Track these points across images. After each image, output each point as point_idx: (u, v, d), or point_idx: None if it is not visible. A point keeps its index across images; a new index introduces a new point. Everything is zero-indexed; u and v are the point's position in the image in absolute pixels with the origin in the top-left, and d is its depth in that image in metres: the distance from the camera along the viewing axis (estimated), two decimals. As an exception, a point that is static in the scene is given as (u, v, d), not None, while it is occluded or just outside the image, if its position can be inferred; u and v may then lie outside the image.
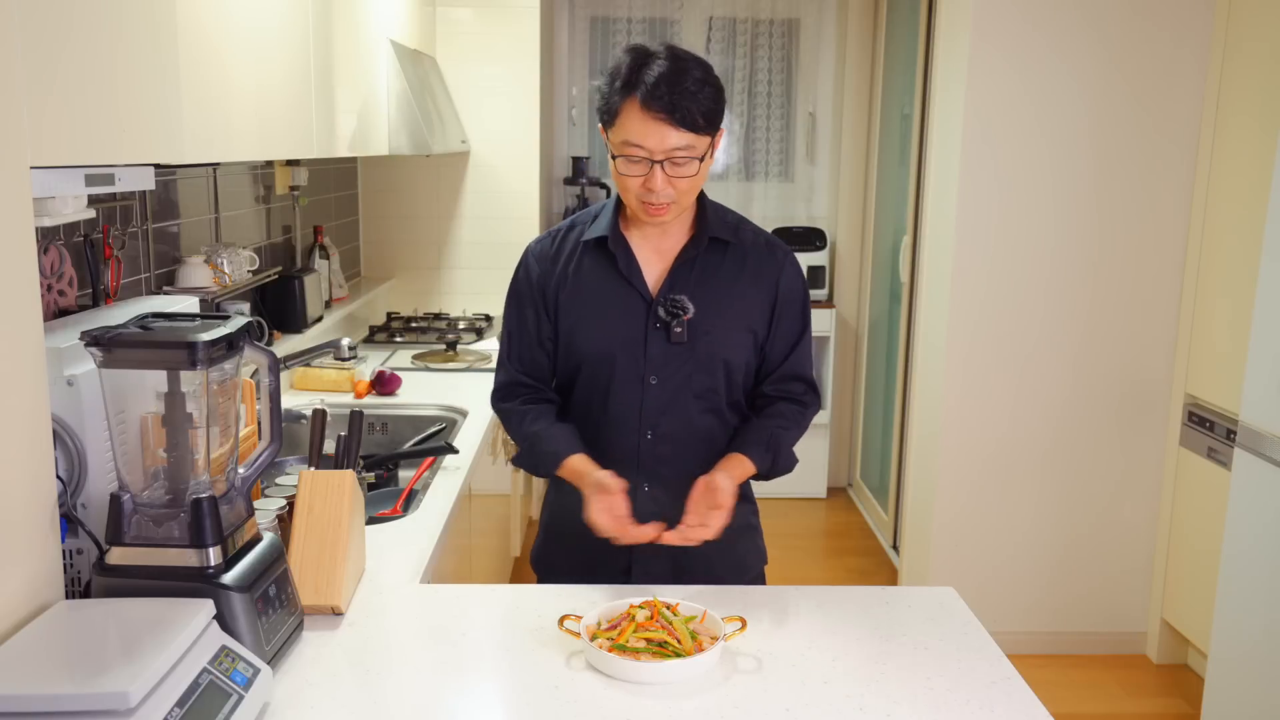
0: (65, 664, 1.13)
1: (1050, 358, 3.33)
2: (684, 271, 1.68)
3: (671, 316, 1.65)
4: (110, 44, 1.39)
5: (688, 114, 1.52)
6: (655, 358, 1.67)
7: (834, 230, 4.87)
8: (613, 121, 1.57)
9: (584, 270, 1.70)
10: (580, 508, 1.73)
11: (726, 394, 1.72)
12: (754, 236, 1.75)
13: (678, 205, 1.60)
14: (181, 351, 1.28)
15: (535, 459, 1.70)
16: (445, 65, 4.04)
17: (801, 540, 4.41)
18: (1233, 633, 2.53)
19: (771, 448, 1.69)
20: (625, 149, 1.55)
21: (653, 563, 1.72)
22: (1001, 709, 1.30)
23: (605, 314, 1.68)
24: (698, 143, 1.55)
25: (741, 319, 1.70)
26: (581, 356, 1.69)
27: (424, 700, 1.30)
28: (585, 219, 1.74)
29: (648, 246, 1.70)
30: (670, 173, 1.55)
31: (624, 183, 1.59)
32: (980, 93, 3.18)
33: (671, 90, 1.51)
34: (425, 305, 4.23)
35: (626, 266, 1.68)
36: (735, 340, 1.70)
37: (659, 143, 1.53)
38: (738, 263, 1.71)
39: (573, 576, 1.71)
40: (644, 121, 1.52)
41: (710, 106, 1.55)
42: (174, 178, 2.41)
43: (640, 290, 1.67)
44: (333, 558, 1.52)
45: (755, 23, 4.83)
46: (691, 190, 1.61)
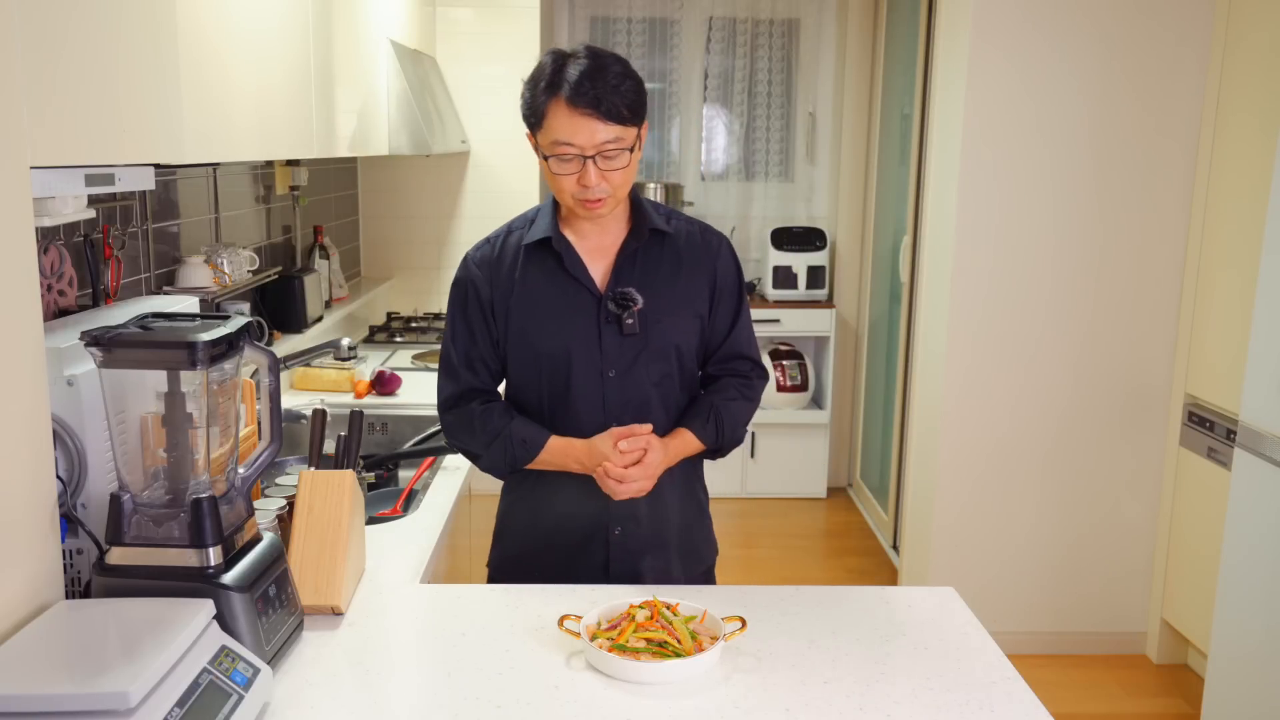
0: (65, 664, 1.13)
1: (1050, 357, 3.33)
2: (628, 265, 1.72)
3: (622, 309, 1.68)
4: (110, 44, 1.39)
5: (613, 107, 1.57)
6: (610, 351, 1.69)
7: (834, 230, 4.87)
8: (540, 123, 1.61)
9: (530, 273, 1.72)
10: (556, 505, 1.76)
11: (680, 379, 1.75)
12: (688, 226, 1.79)
13: (613, 198, 1.64)
14: (181, 351, 1.28)
15: (508, 452, 1.71)
16: (445, 65, 4.04)
17: (801, 540, 4.41)
18: (1233, 633, 2.53)
19: (714, 419, 1.74)
20: (556, 149, 1.59)
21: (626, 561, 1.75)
22: (1001, 709, 1.30)
23: (557, 313, 1.70)
24: (625, 134, 1.60)
25: (687, 305, 1.74)
26: (538, 357, 1.71)
27: (424, 700, 1.30)
28: (521, 224, 1.77)
29: (588, 245, 1.73)
30: (603, 166, 1.59)
31: (558, 183, 1.63)
32: (980, 93, 3.17)
33: (595, 85, 1.56)
34: (425, 305, 4.23)
35: (572, 264, 1.70)
36: (684, 326, 1.74)
37: (589, 138, 1.57)
38: (676, 252, 1.75)
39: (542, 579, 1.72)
40: (571, 118, 1.57)
41: (633, 98, 1.60)
42: (174, 178, 2.41)
43: (588, 286, 1.70)
44: (333, 558, 1.52)
45: (755, 23, 4.82)
46: (625, 182, 1.65)
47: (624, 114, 1.58)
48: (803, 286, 4.71)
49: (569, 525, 1.75)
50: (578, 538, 1.75)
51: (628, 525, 1.74)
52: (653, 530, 1.76)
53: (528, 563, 1.80)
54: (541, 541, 1.78)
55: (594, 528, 1.74)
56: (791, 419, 4.73)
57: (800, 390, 4.73)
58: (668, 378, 1.73)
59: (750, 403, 1.80)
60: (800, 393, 4.73)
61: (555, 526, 1.77)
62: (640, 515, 1.74)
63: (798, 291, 4.71)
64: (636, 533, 1.74)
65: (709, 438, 1.74)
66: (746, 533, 4.41)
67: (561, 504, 1.75)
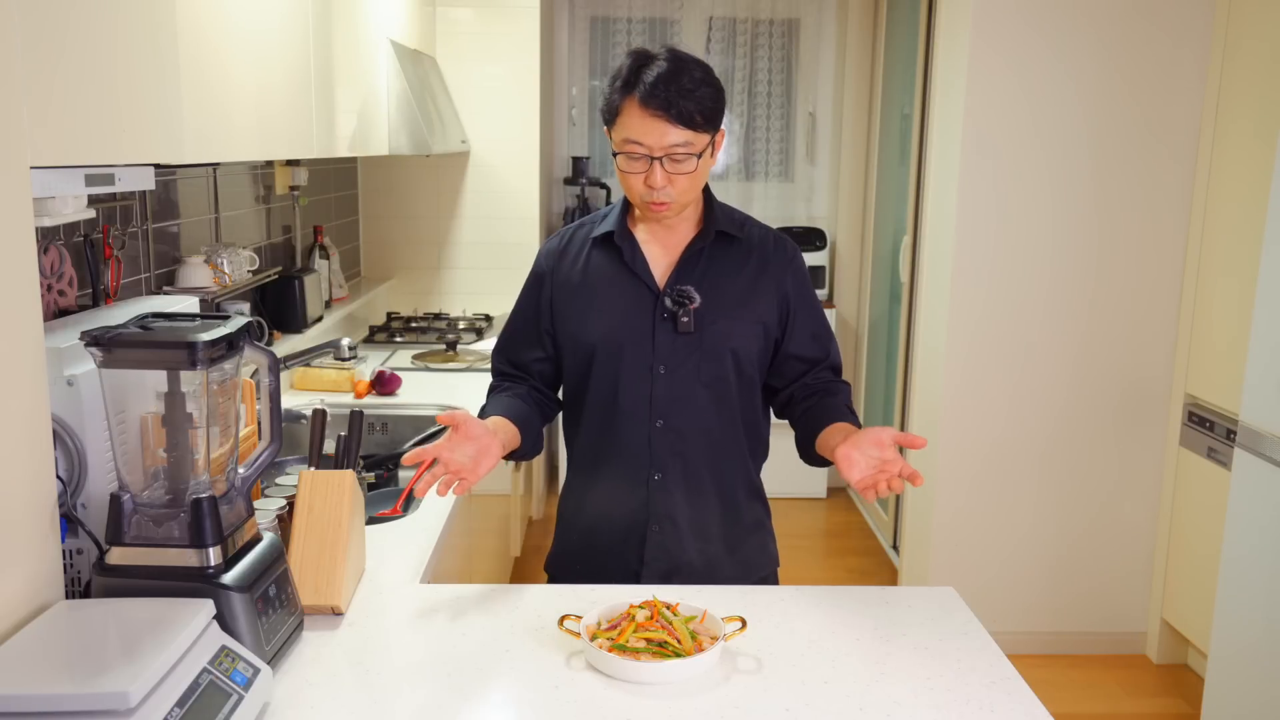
0: (65, 664, 1.13)
1: (1050, 358, 3.33)
2: (691, 264, 1.71)
3: (678, 306, 1.68)
4: (110, 44, 1.39)
5: (684, 111, 1.56)
6: (663, 347, 1.69)
7: (834, 230, 4.87)
8: (614, 120, 1.62)
9: (591, 265, 1.74)
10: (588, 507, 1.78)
11: (736, 384, 1.74)
12: (761, 232, 1.79)
13: (679, 202, 1.64)
14: (181, 351, 1.28)
15: None
16: (445, 65, 4.04)
17: (801, 540, 4.41)
18: (1233, 633, 2.53)
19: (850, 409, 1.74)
20: (625, 146, 1.60)
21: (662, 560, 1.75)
22: (1001, 709, 1.30)
23: (613, 306, 1.71)
24: (696, 140, 1.59)
25: (749, 310, 1.72)
26: (591, 348, 1.72)
27: (424, 700, 1.30)
28: (595, 219, 1.79)
29: (655, 242, 1.73)
30: (669, 169, 1.60)
31: (626, 180, 1.64)
32: (980, 93, 3.17)
33: (669, 89, 1.56)
34: (425, 305, 4.23)
35: (632, 259, 1.71)
36: (742, 330, 1.72)
37: (657, 139, 1.58)
38: (744, 256, 1.74)
39: (588, 575, 1.75)
40: (642, 119, 1.57)
41: (709, 105, 1.59)
42: (174, 178, 2.41)
43: (647, 282, 1.71)
44: (333, 558, 1.52)
45: (755, 23, 4.82)
46: (692, 187, 1.64)
47: (696, 120, 1.58)
48: (804, 285, 4.70)
49: (609, 520, 1.77)
50: (616, 533, 1.76)
51: (664, 524, 1.74)
52: (692, 533, 1.75)
53: (572, 557, 1.82)
54: (585, 537, 1.80)
55: (632, 523, 1.75)
56: (791, 419, 4.72)
57: (800, 390, 4.72)
58: (720, 380, 1.72)
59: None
60: (800, 393, 4.72)
61: (596, 522, 1.78)
62: (678, 515, 1.74)
63: (798, 291, 4.70)
64: (673, 532, 1.74)
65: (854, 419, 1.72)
66: (746, 533, 4.40)
67: (605, 499, 1.76)
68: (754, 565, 1.84)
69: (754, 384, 1.77)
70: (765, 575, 1.86)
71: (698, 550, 1.76)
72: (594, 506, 1.79)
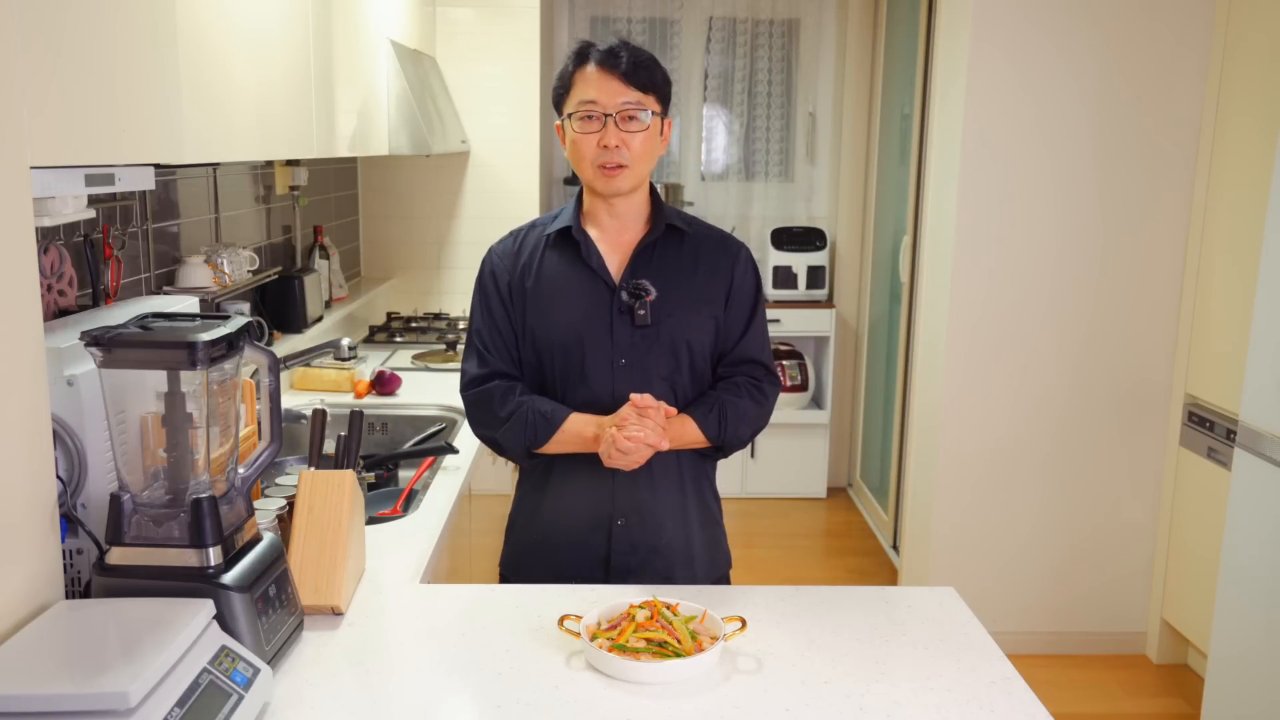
0: (65, 664, 1.13)
1: (1050, 357, 3.32)
2: (644, 258, 1.75)
3: (634, 299, 1.70)
4: (110, 44, 1.39)
5: (634, 72, 1.66)
6: (621, 341, 1.72)
7: (834, 230, 4.87)
8: (567, 92, 1.70)
9: (547, 263, 1.76)
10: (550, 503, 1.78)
11: (690, 375, 1.76)
12: (709, 229, 1.83)
13: (632, 171, 1.69)
14: (181, 351, 1.28)
15: (527, 427, 1.71)
16: (445, 65, 4.03)
17: (801, 540, 4.41)
18: (1233, 633, 2.53)
19: (718, 412, 1.74)
20: (580, 109, 1.67)
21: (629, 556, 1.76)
22: (1001, 709, 1.30)
23: (571, 302, 1.73)
24: (646, 101, 1.68)
25: (703, 303, 1.75)
26: (552, 344, 1.74)
27: (424, 700, 1.30)
28: (545, 219, 1.82)
29: (608, 238, 1.77)
30: (622, 127, 1.66)
31: (579, 148, 1.69)
32: (980, 93, 3.17)
33: (621, 52, 1.67)
34: (425, 305, 4.23)
35: (588, 253, 1.74)
36: (697, 322, 1.75)
37: (610, 97, 1.65)
38: (694, 250, 1.78)
39: (549, 576, 1.74)
40: (597, 78, 1.66)
41: (658, 75, 1.70)
42: (174, 178, 2.41)
43: (603, 277, 1.74)
44: (333, 558, 1.52)
45: (755, 23, 4.82)
46: (645, 154, 1.69)
47: (644, 81, 1.67)
48: (803, 286, 4.71)
49: (573, 517, 1.76)
50: (581, 529, 1.76)
51: (631, 518, 1.75)
52: (657, 525, 1.76)
53: (533, 556, 1.81)
54: (546, 534, 1.79)
55: (597, 519, 1.75)
56: (791, 419, 4.73)
57: (800, 390, 4.73)
58: (676, 372, 1.75)
59: (758, 406, 1.78)
60: (800, 393, 4.73)
61: (560, 518, 1.78)
62: (644, 509, 1.75)
63: (798, 291, 4.71)
64: (640, 526, 1.75)
65: (711, 429, 1.73)
66: (746, 533, 4.41)
67: (567, 495, 1.76)
68: (713, 563, 1.86)
69: (705, 378, 1.79)
70: (720, 575, 1.88)
71: (664, 543, 1.77)
72: (556, 502, 1.78)
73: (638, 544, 1.76)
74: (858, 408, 4.87)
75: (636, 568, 1.76)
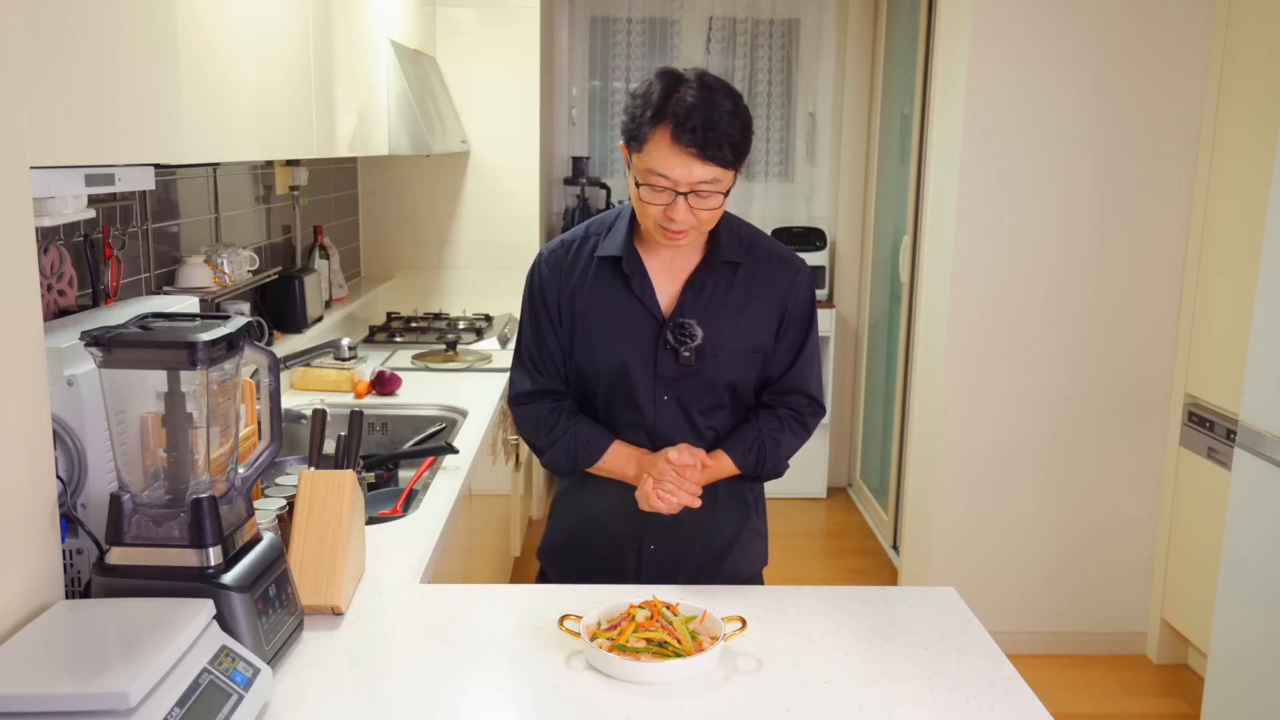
0: (65, 664, 1.13)
1: (1050, 357, 3.32)
2: (694, 294, 1.68)
3: (680, 342, 1.66)
4: (110, 44, 1.39)
5: (718, 149, 1.50)
6: (665, 375, 1.69)
7: (834, 230, 4.87)
8: (640, 148, 1.55)
9: (600, 284, 1.70)
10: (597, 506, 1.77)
11: (732, 410, 1.74)
12: (768, 252, 1.74)
13: (697, 231, 1.60)
14: (181, 351, 1.27)
15: (571, 452, 1.71)
16: (445, 65, 4.04)
17: (801, 540, 4.41)
18: (1233, 633, 2.53)
19: (757, 449, 1.72)
20: (650, 177, 1.54)
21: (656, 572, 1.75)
22: (1001, 709, 1.30)
23: (619, 330, 1.69)
24: (724, 177, 1.54)
25: (749, 339, 1.71)
26: (598, 369, 1.71)
27: (424, 700, 1.30)
28: (599, 229, 1.74)
29: (660, 266, 1.70)
30: (694, 204, 1.55)
31: (644, 209, 1.58)
32: (980, 93, 3.17)
33: (704, 124, 1.49)
34: (425, 305, 4.23)
35: (640, 288, 1.68)
36: (742, 361, 1.71)
37: (685, 174, 1.52)
38: (748, 280, 1.71)
39: (580, 575, 1.75)
40: (673, 153, 1.50)
41: (739, 140, 1.53)
42: (174, 178, 2.41)
43: (652, 310, 1.68)
44: (333, 558, 1.52)
45: (755, 23, 4.82)
46: (712, 220, 1.61)
47: (727, 157, 1.52)
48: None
49: (604, 531, 1.76)
50: (612, 545, 1.76)
51: (660, 542, 1.74)
52: (687, 549, 1.75)
53: (570, 552, 1.82)
54: (582, 534, 1.80)
55: (628, 538, 1.75)
56: (791, 419, 4.72)
57: (800, 390, 4.72)
58: (718, 408, 1.72)
59: (798, 437, 1.76)
60: (800, 393, 4.72)
61: (592, 529, 1.78)
62: (676, 534, 1.74)
63: (798, 291, 4.70)
64: (669, 549, 1.75)
65: (748, 466, 1.72)
66: (746, 533, 4.40)
67: (601, 509, 1.76)
68: (740, 569, 1.84)
69: (748, 408, 1.77)
70: (752, 575, 1.87)
71: (694, 565, 1.77)
72: (591, 513, 1.78)
73: (666, 565, 1.75)
74: (858, 408, 4.87)
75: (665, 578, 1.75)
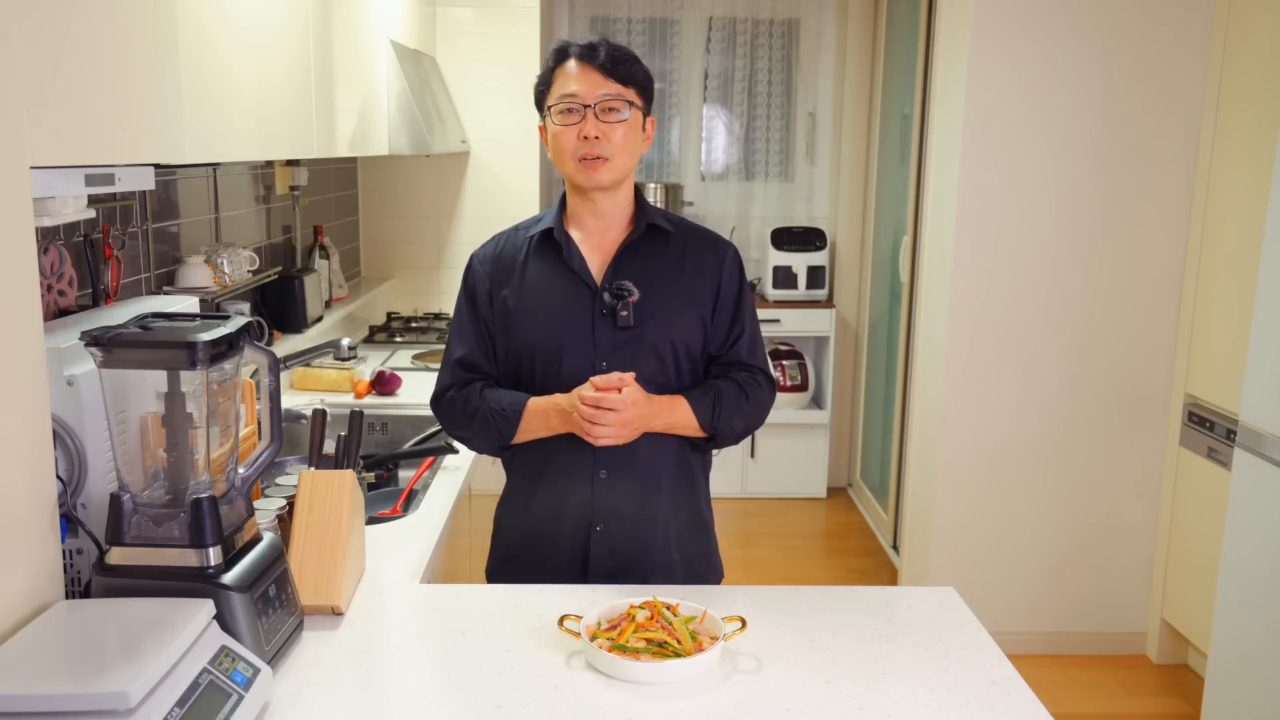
0: (65, 664, 1.13)
1: (1050, 357, 3.33)
2: (627, 258, 1.73)
3: (616, 299, 1.69)
4: (110, 44, 1.39)
5: (615, 64, 1.66)
6: (604, 344, 1.70)
7: (834, 230, 4.87)
8: (548, 88, 1.70)
9: (530, 267, 1.75)
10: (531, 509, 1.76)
11: (676, 378, 1.74)
12: (697, 231, 1.81)
13: (613, 163, 1.67)
14: (181, 351, 1.28)
15: (491, 424, 1.71)
16: (445, 65, 4.04)
17: (801, 540, 4.41)
18: (1233, 633, 2.53)
19: (712, 396, 1.72)
20: (560, 101, 1.67)
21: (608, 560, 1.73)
22: (1001, 709, 1.30)
23: (552, 305, 1.72)
24: (626, 94, 1.67)
25: (689, 304, 1.73)
26: (532, 348, 1.72)
27: (424, 700, 1.30)
28: (529, 223, 1.81)
29: (590, 240, 1.75)
30: (603, 119, 1.66)
31: (560, 141, 1.68)
32: (980, 93, 3.17)
33: (601, 47, 1.67)
34: (425, 305, 4.23)
35: (569, 255, 1.72)
36: (682, 323, 1.72)
37: (590, 88, 1.65)
38: (680, 250, 1.76)
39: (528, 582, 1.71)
40: (577, 72, 1.67)
41: (638, 71, 1.69)
42: (174, 178, 2.41)
43: (584, 278, 1.72)
44: (333, 558, 1.52)
45: (755, 23, 4.82)
46: (625, 148, 1.68)
47: (624, 74, 1.66)
48: (803, 286, 4.71)
49: (553, 521, 1.74)
50: (561, 534, 1.74)
51: (610, 523, 1.72)
52: (637, 532, 1.73)
53: (516, 562, 1.80)
54: (528, 539, 1.78)
55: (577, 523, 1.72)
56: (791, 419, 4.73)
57: (800, 390, 4.73)
58: (661, 374, 1.72)
59: (750, 402, 1.75)
60: (800, 393, 4.73)
61: (540, 523, 1.76)
62: (624, 513, 1.72)
63: (798, 291, 4.71)
64: (619, 531, 1.72)
65: (704, 413, 1.71)
66: (746, 533, 4.41)
67: (550, 500, 1.74)
68: (702, 572, 1.82)
69: (697, 377, 1.77)
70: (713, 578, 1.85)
71: (642, 549, 1.74)
72: (537, 509, 1.75)
73: (616, 550, 1.73)
74: (858, 408, 4.87)
75: (614, 573, 1.73)
